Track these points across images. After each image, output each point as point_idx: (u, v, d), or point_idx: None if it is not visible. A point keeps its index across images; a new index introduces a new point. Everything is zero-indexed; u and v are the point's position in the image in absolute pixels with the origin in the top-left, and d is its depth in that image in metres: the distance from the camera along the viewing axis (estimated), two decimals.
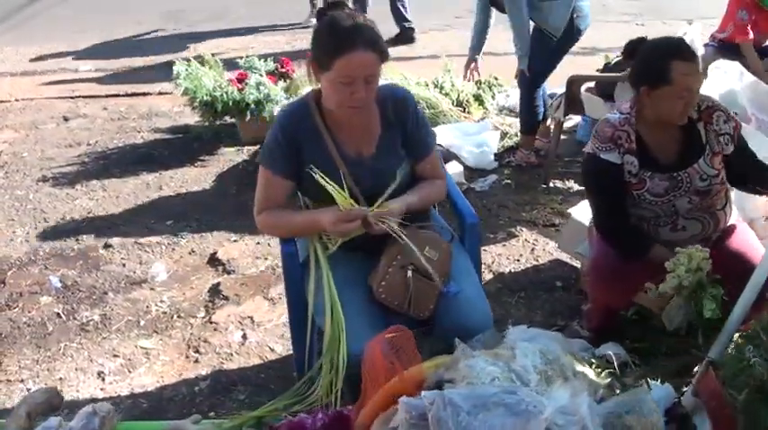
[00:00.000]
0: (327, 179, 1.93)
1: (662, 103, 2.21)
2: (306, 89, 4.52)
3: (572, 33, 3.58)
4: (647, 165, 2.29)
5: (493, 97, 4.88)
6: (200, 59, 4.37)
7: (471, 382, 1.49)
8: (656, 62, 2.18)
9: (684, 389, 2.17)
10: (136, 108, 5.05)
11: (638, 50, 2.29)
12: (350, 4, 2.23)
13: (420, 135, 2.08)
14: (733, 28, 4.21)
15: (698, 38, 3.39)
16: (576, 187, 3.87)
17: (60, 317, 2.97)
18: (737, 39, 4.16)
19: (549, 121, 4.09)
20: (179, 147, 4.47)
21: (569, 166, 4.06)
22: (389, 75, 4.41)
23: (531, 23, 3.60)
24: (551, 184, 3.88)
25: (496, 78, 4.96)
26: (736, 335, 1.92)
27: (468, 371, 1.52)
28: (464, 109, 4.65)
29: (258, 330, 2.85)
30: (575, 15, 3.54)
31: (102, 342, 2.82)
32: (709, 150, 2.29)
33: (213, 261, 3.33)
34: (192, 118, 4.82)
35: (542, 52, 3.62)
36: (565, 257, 3.23)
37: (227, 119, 4.44)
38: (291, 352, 2.66)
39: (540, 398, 1.39)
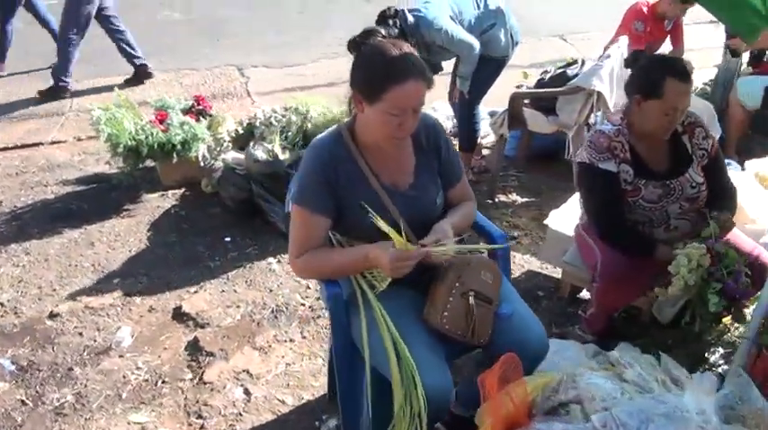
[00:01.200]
0: (383, 223, 1.86)
1: (649, 115, 2.37)
2: (225, 125, 4.41)
3: (512, 51, 3.77)
4: (641, 173, 2.44)
5: None
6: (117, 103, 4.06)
7: (605, 400, 1.51)
8: (652, 75, 2.34)
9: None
10: (32, 160, 4.58)
11: (638, 60, 2.44)
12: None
13: (453, 160, 2.11)
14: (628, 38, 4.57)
15: (625, 52, 3.66)
16: (521, 199, 4.03)
17: (26, 404, 2.63)
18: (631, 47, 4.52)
19: (479, 139, 4.25)
20: (96, 199, 4.12)
21: (505, 180, 4.23)
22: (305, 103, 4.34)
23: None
24: (496, 199, 4.00)
25: None
26: None
27: (595, 389, 1.54)
28: None
29: (259, 383, 2.69)
30: (511, 34, 3.73)
31: (86, 424, 2.53)
32: (696, 160, 2.48)
33: (179, 316, 3.11)
34: (97, 166, 4.50)
35: (483, 74, 3.76)
36: (536, 267, 3.36)
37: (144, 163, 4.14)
38: (304, 401, 2.58)
39: (682, 401, 1.44)
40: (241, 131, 4.48)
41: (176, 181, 4.24)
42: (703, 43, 5.78)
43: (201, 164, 4.15)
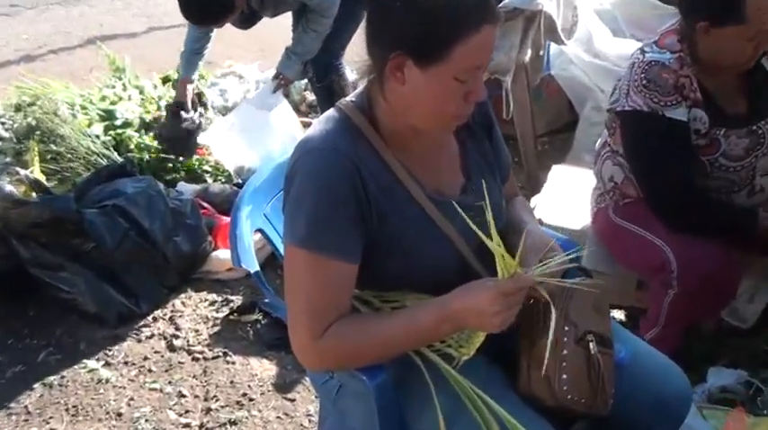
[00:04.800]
0: (495, 243, 1.75)
1: (724, 44, 2.44)
2: None
3: None
4: (718, 120, 2.51)
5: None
6: None
7: None
8: None
9: None
10: None
11: None
12: None
13: (501, 144, 2.10)
14: None
15: None
16: None
17: None
18: None
19: None
20: None
21: None
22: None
23: None
24: None
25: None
26: None
27: None
28: None
29: None
30: None
31: None
32: None
33: None
34: None
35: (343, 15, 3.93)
36: None
37: None
38: None
39: None
40: None
41: None
42: None
43: None
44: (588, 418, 1.95)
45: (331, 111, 1.88)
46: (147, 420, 2.89)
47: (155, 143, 4.11)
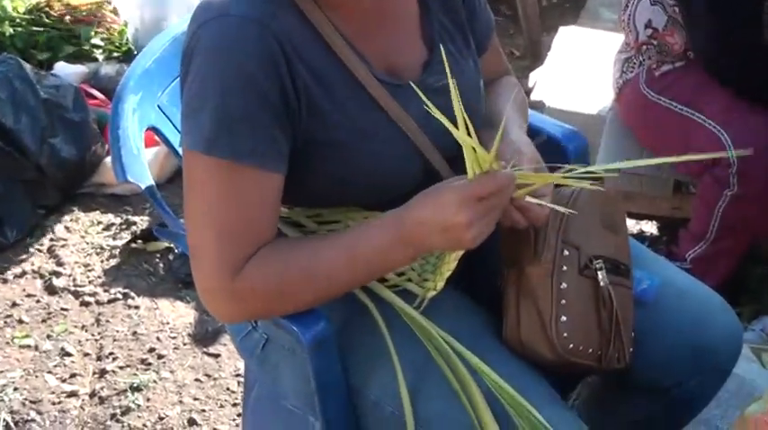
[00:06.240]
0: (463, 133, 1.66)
1: None
2: None
3: None
4: None
5: None
6: None
7: None
8: None
9: None
10: None
11: None
12: None
13: (480, 2, 2.09)
14: None
15: None
16: None
17: None
18: None
19: None
20: None
21: None
22: None
23: None
24: None
25: None
26: None
27: None
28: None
29: None
30: None
31: None
32: None
33: None
34: None
35: None
36: None
37: None
38: None
39: None
40: None
41: None
42: None
43: None
44: (600, 374, 2.03)
45: None
46: (15, 388, 2.92)
47: (20, 10, 4.04)
